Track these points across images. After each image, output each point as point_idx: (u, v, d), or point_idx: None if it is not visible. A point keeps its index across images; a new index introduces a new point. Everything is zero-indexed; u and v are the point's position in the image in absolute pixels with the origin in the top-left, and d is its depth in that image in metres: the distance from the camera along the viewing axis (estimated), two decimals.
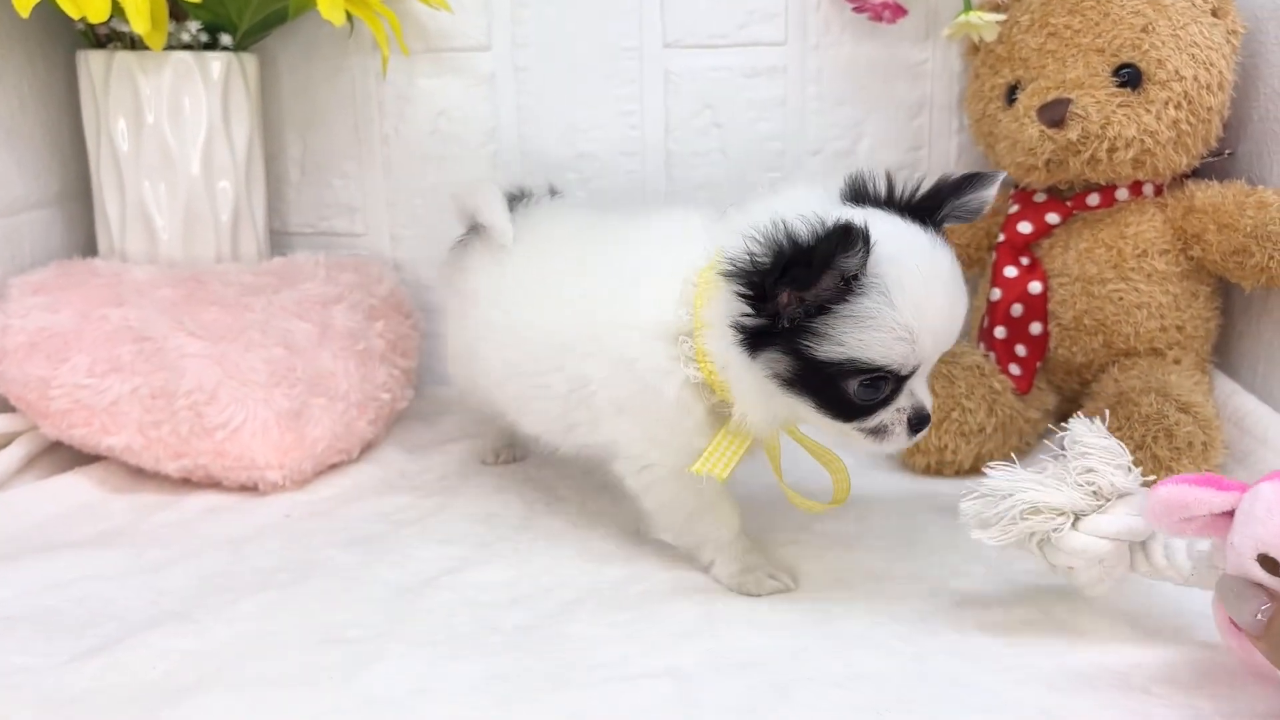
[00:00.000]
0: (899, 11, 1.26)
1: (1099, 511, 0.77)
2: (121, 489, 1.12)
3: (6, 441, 1.15)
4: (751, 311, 0.77)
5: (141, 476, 1.13)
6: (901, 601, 0.86)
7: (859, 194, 0.82)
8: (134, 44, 1.22)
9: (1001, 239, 1.20)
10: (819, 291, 0.74)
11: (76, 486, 1.12)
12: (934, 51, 1.33)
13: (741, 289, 0.77)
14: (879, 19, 1.27)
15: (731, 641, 0.80)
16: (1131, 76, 1.11)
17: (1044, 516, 0.77)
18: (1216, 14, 1.13)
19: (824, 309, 0.75)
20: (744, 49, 1.34)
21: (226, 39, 1.25)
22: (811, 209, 0.76)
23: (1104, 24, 1.13)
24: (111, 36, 1.23)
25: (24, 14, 1.05)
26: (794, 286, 0.75)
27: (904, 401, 0.80)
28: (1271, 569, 0.65)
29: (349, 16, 1.25)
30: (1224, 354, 1.21)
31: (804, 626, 0.82)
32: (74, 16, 1.09)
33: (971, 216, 0.83)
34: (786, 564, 0.92)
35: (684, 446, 0.86)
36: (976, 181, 0.82)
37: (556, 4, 1.35)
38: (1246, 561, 0.67)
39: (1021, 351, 1.19)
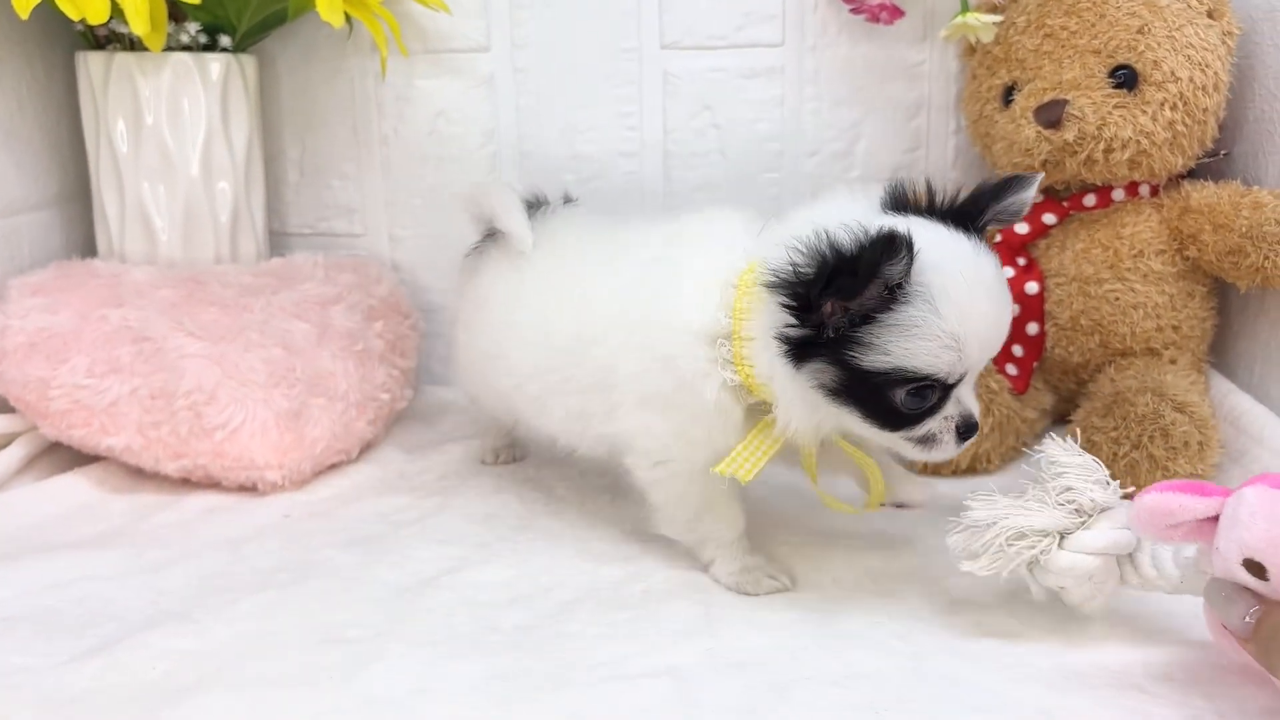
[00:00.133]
0: (896, 13, 1.26)
1: (1083, 528, 0.77)
2: (121, 489, 1.12)
3: (6, 442, 1.15)
4: (796, 323, 0.76)
5: (141, 477, 1.13)
6: (900, 601, 0.86)
7: (899, 202, 0.82)
8: (133, 45, 1.22)
9: (998, 239, 1.21)
10: (864, 301, 0.74)
11: (76, 487, 1.12)
12: (931, 52, 1.33)
13: (785, 300, 0.76)
14: (876, 20, 1.27)
15: (730, 641, 0.80)
16: (1128, 78, 1.12)
17: (1029, 540, 0.77)
18: (1212, 15, 1.14)
19: (869, 318, 0.74)
20: (742, 50, 1.34)
21: (226, 40, 1.25)
22: (853, 218, 0.75)
23: (1100, 25, 1.13)
24: (111, 38, 1.23)
25: (23, 15, 1.05)
26: (839, 296, 0.74)
27: (951, 410, 0.80)
28: (1257, 573, 0.66)
29: (348, 18, 1.25)
30: (1220, 354, 1.21)
31: (802, 626, 0.83)
32: (73, 18, 1.10)
33: (1013, 219, 0.83)
34: (785, 564, 0.92)
35: (716, 446, 0.86)
36: (1016, 184, 0.81)
37: (555, 5, 1.35)
38: (1232, 566, 0.67)
39: (1018, 351, 1.19)
